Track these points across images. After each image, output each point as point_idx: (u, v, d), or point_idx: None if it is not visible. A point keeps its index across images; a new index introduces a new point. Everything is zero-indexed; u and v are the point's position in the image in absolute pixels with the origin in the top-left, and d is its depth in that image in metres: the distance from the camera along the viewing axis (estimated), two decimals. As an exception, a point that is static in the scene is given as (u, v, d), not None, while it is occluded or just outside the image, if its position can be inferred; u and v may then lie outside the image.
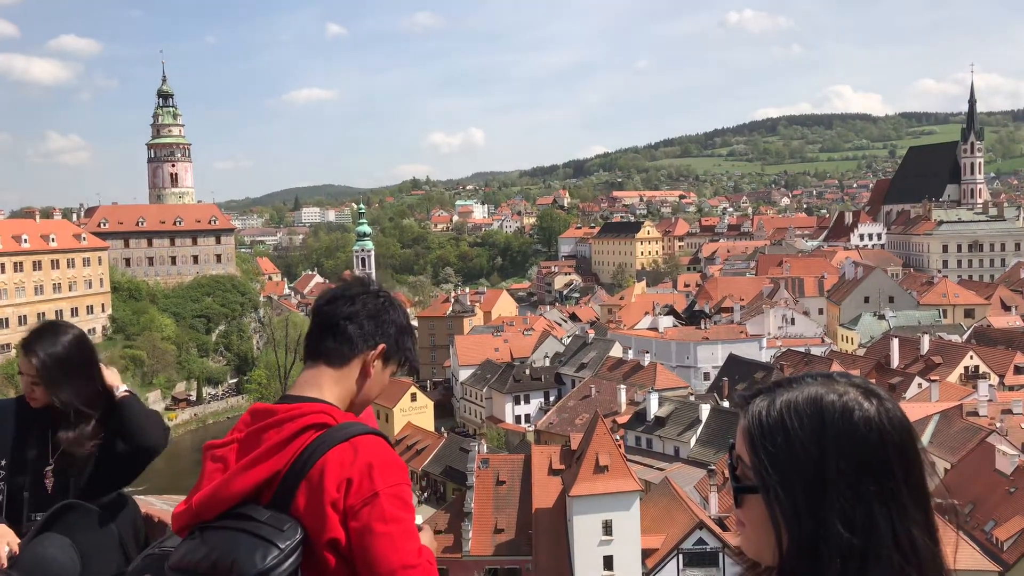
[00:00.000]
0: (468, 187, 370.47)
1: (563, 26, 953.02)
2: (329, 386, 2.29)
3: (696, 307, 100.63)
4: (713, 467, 47.98)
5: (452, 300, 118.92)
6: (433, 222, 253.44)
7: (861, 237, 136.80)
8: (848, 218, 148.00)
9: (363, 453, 2.07)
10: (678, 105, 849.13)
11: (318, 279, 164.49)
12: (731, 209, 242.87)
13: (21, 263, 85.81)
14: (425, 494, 62.95)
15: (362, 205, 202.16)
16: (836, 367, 64.19)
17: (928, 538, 1.28)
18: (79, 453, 3.40)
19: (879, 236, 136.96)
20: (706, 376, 76.71)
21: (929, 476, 1.32)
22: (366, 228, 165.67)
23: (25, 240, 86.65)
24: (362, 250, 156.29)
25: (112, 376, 3.61)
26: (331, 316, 2.35)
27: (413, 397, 76.99)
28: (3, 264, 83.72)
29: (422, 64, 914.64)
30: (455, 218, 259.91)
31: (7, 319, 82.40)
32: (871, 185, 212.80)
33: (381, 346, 2.37)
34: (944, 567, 1.29)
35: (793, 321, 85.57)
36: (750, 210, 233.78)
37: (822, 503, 1.26)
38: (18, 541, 3.18)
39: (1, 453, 3.44)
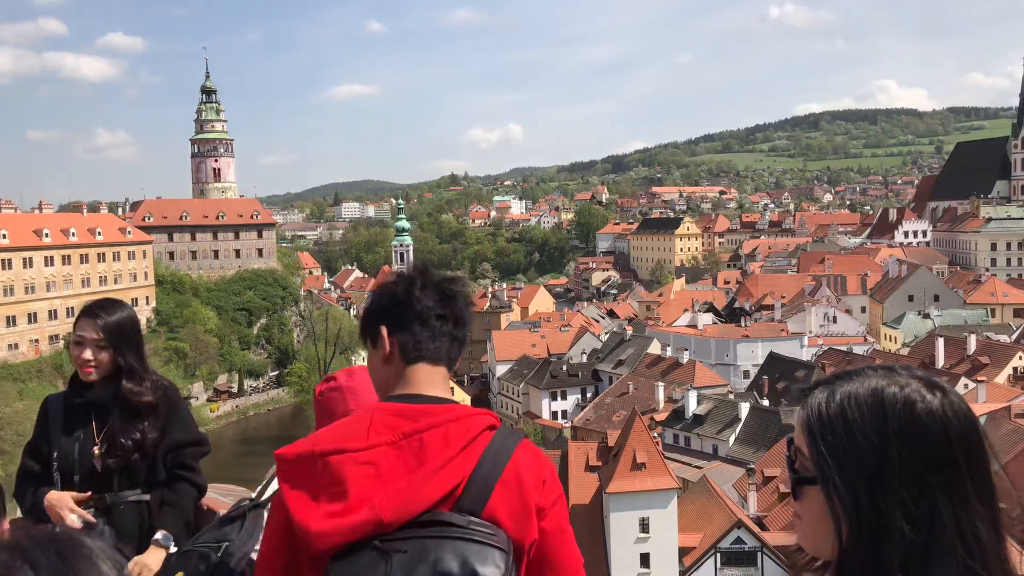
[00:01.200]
0: (506, 183, 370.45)
1: (603, 20, 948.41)
2: (447, 387, 2.22)
3: (736, 304, 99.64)
4: (752, 466, 47.46)
5: (489, 295, 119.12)
6: (471, 217, 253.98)
7: (906, 234, 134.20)
8: (892, 215, 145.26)
9: (541, 454, 2.05)
10: (718, 100, 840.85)
11: (357, 273, 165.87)
12: (772, 205, 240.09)
13: (69, 256, 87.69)
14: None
15: (401, 200, 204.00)
16: (879, 366, 63.18)
17: (993, 533, 1.25)
18: (141, 401, 3.55)
19: (924, 233, 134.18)
20: (746, 374, 75.91)
21: (993, 470, 1.30)
22: (405, 223, 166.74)
23: (73, 234, 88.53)
24: (401, 245, 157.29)
25: None
26: (465, 319, 2.31)
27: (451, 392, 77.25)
28: (52, 257, 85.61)
29: (461, 60, 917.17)
30: (493, 213, 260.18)
31: (55, 310, 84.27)
32: (916, 181, 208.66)
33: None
34: (1009, 562, 1.26)
35: (835, 319, 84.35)
36: (792, 206, 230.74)
37: (884, 495, 1.23)
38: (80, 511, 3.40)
39: (53, 446, 3.54)
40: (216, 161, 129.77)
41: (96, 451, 3.51)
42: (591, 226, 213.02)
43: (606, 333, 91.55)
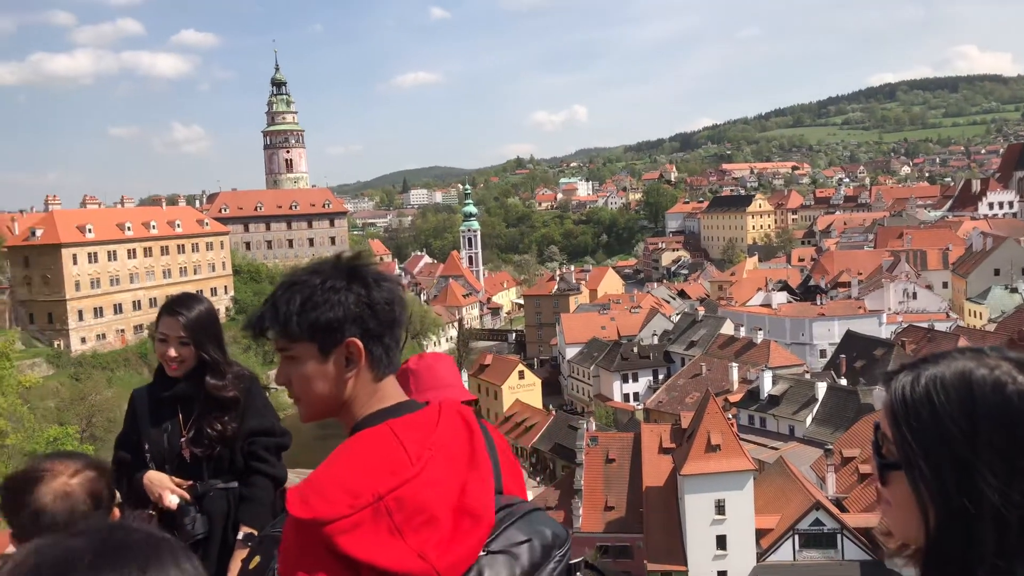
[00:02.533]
0: (572, 164, 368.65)
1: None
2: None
3: (811, 282, 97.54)
4: (830, 446, 46.50)
5: (557, 278, 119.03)
6: (537, 200, 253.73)
7: (990, 206, 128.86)
8: (975, 186, 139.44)
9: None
10: (788, 74, 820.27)
11: (427, 259, 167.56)
12: (847, 180, 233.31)
13: (150, 248, 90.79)
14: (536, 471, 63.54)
15: (467, 186, 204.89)
16: (963, 343, 60.98)
17: None
18: (224, 396, 3.66)
19: (1010, 204, 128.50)
20: (822, 353, 74.27)
21: None
22: (472, 208, 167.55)
23: (153, 227, 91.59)
24: (468, 230, 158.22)
25: None
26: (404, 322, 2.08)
27: (521, 375, 77.68)
28: (135, 250, 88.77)
29: (524, 43, 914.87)
30: (559, 196, 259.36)
31: (139, 301, 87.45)
32: (1001, 151, 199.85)
33: None
34: None
35: (915, 295, 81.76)
36: (868, 180, 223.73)
37: (972, 479, 1.18)
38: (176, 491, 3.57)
39: (143, 436, 3.71)
40: (288, 152, 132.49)
41: (184, 442, 3.66)
42: (660, 206, 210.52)
43: (677, 314, 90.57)
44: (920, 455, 1.22)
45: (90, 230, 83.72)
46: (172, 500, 3.51)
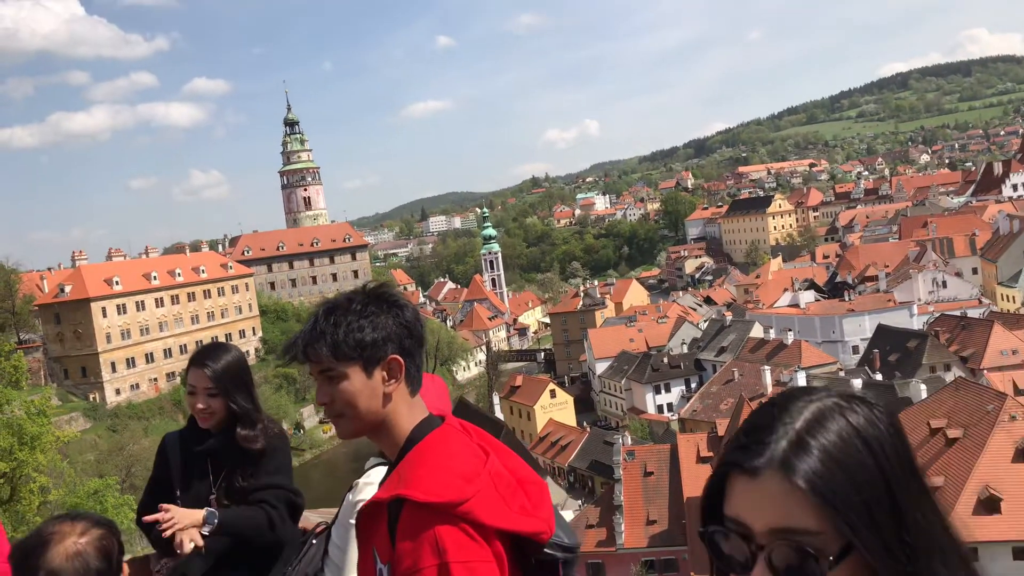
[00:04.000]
0: (588, 179, 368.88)
1: (666, 7, 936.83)
2: None
3: (838, 279, 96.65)
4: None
5: (582, 294, 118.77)
6: (556, 218, 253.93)
7: (1014, 187, 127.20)
8: (997, 169, 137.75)
9: None
10: (798, 71, 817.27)
11: (450, 285, 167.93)
12: (866, 173, 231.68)
13: (177, 296, 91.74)
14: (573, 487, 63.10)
15: (485, 209, 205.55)
16: (998, 328, 60.12)
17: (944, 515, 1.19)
18: (253, 448, 3.63)
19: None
20: (855, 349, 73.38)
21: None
22: (491, 231, 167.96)
23: (179, 274, 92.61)
24: (489, 253, 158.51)
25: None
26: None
27: (552, 394, 77.37)
28: (162, 298, 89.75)
29: (531, 63, 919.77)
30: (577, 212, 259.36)
31: (170, 349, 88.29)
32: (1021, 131, 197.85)
33: None
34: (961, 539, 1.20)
35: (945, 284, 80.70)
36: (887, 172, 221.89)
37: (902, 521, 1.13)
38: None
39: (175, 484, 3.71)
40: (305, 190, 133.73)
41: (214, 497, 3.65)
42: (679, 214, 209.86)
43: (705, 321, 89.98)
44: (864, 521, 1.10)
45: (117, 282, 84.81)
46: (188, 547, 3.40)
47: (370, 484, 2.76)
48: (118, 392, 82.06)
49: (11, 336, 72.80)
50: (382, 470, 2.72)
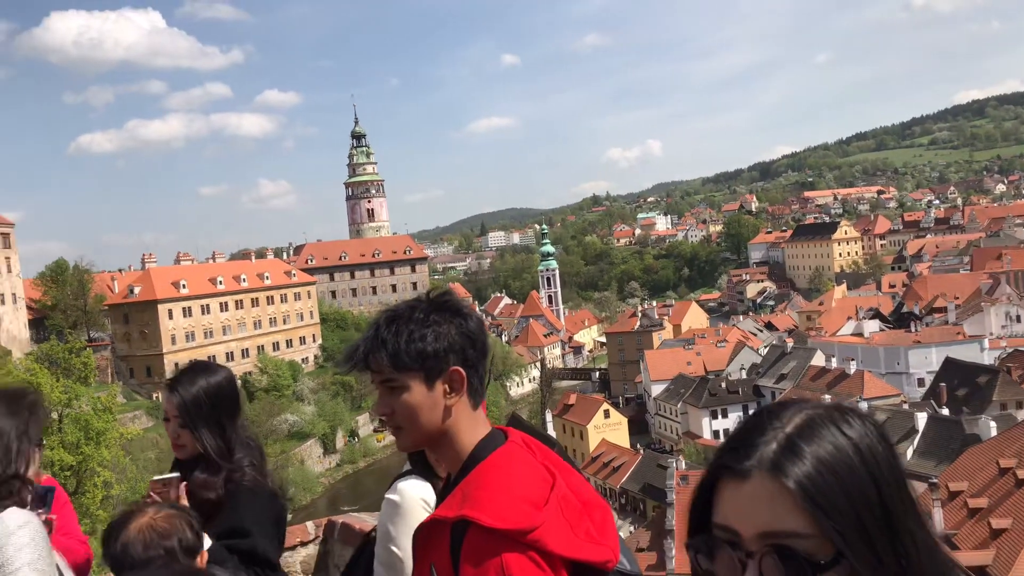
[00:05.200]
0: (649, 199, 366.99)
1: (734, 30, 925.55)
2: None
3: (904, 309, 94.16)
4: (935, 480, 44.32)
5: (639, 315, 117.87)
6: (615, 237, 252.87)
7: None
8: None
9: None
10: (868, 96, 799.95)
11: (507, 300, 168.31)
12: (937, 202, 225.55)
13: (241, 301, 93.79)
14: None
15: (544, 225, 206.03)
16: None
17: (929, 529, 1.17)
18: (204, 497, 3.12)
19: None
20: (920, 382, 71.29)
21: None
22: (549, 248, 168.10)
23: (243, 280, 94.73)
24: (547, 270, 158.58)
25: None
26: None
27: (606, 414, 76.80)
28: (226, 303, 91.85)
29: (594, 83, 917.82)
30: (637, 231, 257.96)
31: (232, 353, 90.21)
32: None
33: None
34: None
35: (1019, 318, 78.16)
36: (959, 201, 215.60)
37: (894, 531, 1.11)
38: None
39: None
40: (369, 202, 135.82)
41: None
42: (741, 237, 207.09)
43: (765, 347, 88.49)
44: (855, 531, 1.08)
45: (184, 285, 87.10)
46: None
47: (411, 500, 2.66)
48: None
49: (82, 334, 75.33)
50: (417, 482, 2.73)
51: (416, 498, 2.65)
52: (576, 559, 1.77)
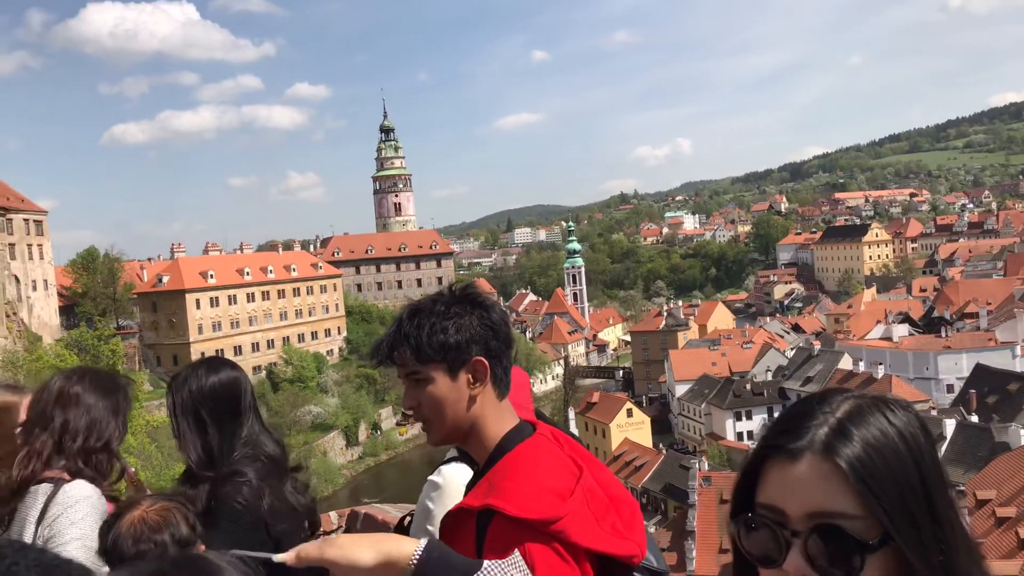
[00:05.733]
0: (677, 198, 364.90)
1: (766, 28, 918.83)
2: None
3: (935, 313, 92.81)
4: (962, 487, 43.64)
5: (665, 314, 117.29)
6: (642, 235, 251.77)
7: None
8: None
9: None
10: (902, 98, 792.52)
11: (532, 297, 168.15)
12: (971, 205, 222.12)
13: (268, 292, 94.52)
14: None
15: (571, 223, 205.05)
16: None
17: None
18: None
19: None
20: (949, 388, 70.32)
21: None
22: (576, 245, 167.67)
23: (270, 271, 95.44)
24: (572, 267, 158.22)
25: None
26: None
27: (629, 413, 76.54)
28: (253, 294, 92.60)
29: (624, 80, 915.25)
30: (665, 230, 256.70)
31: (257, 343, 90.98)
32: None
33: None
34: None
35: (1053, 325, 76.64)
36: (994, 205, 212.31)
37: (936, 517, 1.14)
38: None
39: None
40: (396, 196, 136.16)
41: None
42: (770, 237, 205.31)
43: (792, 349, 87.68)
44: (902, 514, 1.12)
45: (212, 276, 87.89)
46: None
47: (453, 483, 2.64)
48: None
49: (111, 322, 76.29)
50: (461, 468, 2.67)
51: (458, 482, 2.60)
52: (601, 552, 1.79)
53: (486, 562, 1.64)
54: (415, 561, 1.55)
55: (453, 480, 2.68)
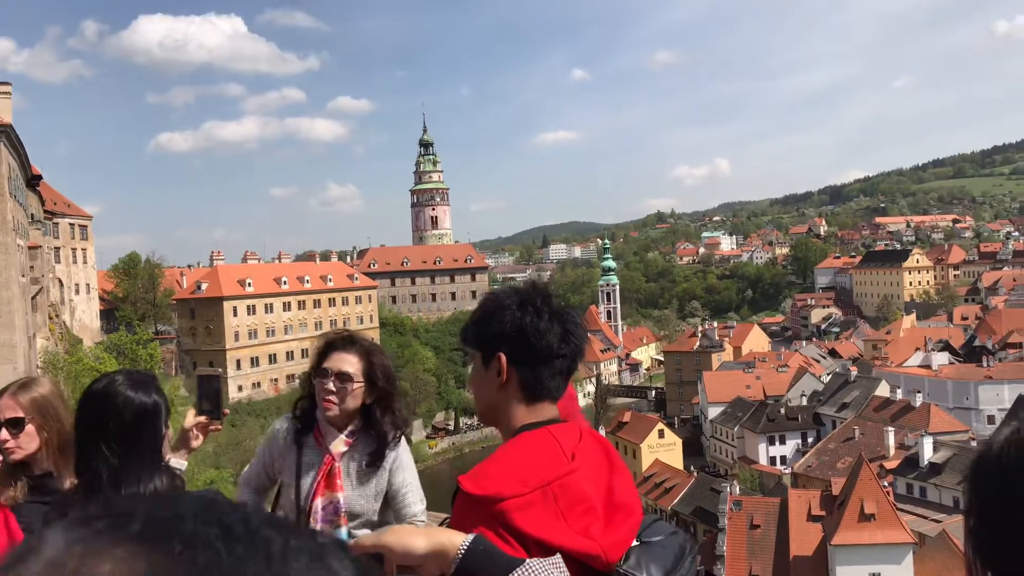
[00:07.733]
0: (715, 218, 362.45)
1: (807, 50, 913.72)
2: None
3: (976, 342, 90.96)
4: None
5: (699, 334, 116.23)
6: (678, 255, 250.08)
7: None
8: None
9: None
10: (947, 122, 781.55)
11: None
12: (1017, 233, 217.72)
13: (304, 301, 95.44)
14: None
15: (607, 240, 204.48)
16: None
17: None
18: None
19: None
20: (990, 419, 68.79)
21: None
22: (611, 263, 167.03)
23: (307, 281, 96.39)
24: (607, 284, 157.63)
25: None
26: (583, 353, 2.28)
27: (661, 434, 75.86)
28: (289, 303, 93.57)
29: (664, 99, 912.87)
30: (701, 250, 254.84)
31: (292, 352, 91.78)
32: None
33: None
34: None
35: (1099, 358, 74.80)
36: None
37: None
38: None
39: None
40: (433, 209, 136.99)
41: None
42: (808, 260, 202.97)
43: (828, 374, 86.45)
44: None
45: (249, 284, 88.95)
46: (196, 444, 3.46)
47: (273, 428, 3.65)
48: (240, 389, 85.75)
49: (149, 326, 77.55)
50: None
51: (276, 427, 3.27)
52: (552, 544, 1.79)
53: (528, 560, 1.68)
54: (462, 552, 1.64)
55: (273, 426, 3.82)
